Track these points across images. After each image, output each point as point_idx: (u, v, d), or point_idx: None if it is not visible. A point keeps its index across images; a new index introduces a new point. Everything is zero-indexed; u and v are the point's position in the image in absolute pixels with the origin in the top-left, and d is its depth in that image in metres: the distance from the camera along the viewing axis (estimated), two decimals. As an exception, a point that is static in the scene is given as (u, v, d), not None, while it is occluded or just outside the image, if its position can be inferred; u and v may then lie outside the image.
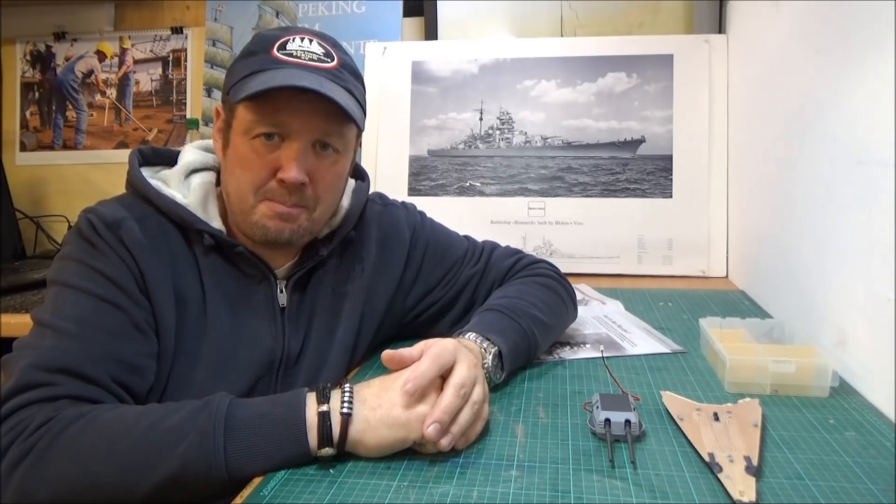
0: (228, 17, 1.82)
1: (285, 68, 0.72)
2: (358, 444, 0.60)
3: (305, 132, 0.73)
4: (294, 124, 0.73)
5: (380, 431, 0.59)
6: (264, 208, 0.75)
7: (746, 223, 1.33)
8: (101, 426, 0.59)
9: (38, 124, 1.95)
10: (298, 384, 0.78)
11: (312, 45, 0.75)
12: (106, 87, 1.93)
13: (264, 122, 0.72)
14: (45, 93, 1.95)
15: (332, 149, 0.76)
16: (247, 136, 0.73)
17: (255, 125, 0.73)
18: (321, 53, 0.75)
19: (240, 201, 0.76)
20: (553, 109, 1.57)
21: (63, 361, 0.63)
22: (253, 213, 0.76)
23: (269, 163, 0.73)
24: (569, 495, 0.54)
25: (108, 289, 0.69)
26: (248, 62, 0.74)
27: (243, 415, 0.59)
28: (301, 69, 0.73)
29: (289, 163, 0.73)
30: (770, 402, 0.72)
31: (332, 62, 0.75)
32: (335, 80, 0.74)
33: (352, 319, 0.85)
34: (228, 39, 1.82)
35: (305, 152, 0.74)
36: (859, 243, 0.77)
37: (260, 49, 0.74)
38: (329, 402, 0.60)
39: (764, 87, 1.21)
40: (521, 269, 0.97)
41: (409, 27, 1.74)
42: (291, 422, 0.59)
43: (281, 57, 0.73)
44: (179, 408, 0.60)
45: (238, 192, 0.76)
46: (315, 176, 0.75)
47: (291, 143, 0.73)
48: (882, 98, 0.71)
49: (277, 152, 0.73)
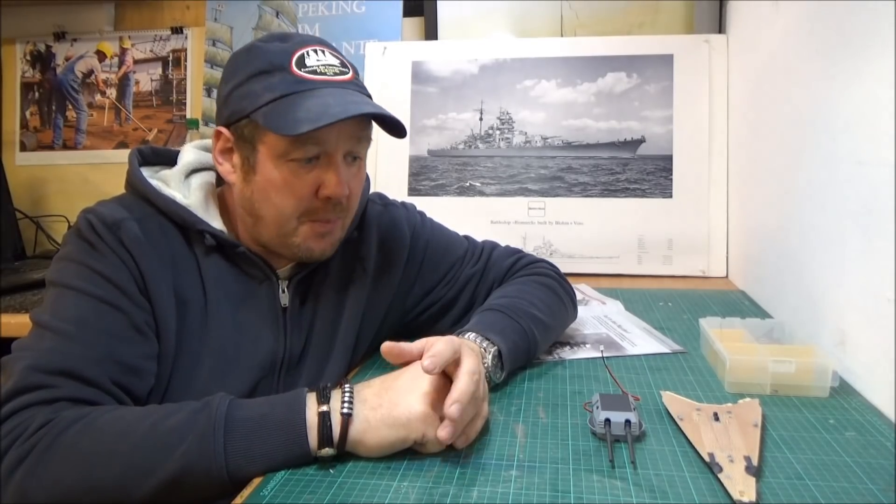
0: (228, 17, 1.82)
1: (320, 89, 0.71)
2: (358, 445, 0.60)
3: (341, 145, 0.74)
4: (331, 140, 0.72)
5: (380, 431, 0.59)
6: (306, 230, 0.76)
7: (746, 223, 1.33)
8: (101, 428, 0.59)
9: (38, 124, 1.95)
10: (300, 384, 0.78)
11: (328, 56, 0.74)
12: (106, 87, 1.92)
13: (305, 146, 0.71)
14: (45, 93, 1.94)
15: (360, 156, 0.78)
16: (282, 159, 0.72)
17: (294, 150, 0.71)
18: (339, 64, 0.75)
19: (279, 226, 0.76)
20: (553, 109, 1.57)
21: (62, 363, 0.63)
22: (294, 236, 0.76)
23: (310, 182, 0.73)
24: (569, 495, 0.54)
25: (107, 290, 0.68)
26: (269, 83, 0.71)
27: (243, 415, 0.59)
28: (334, 87, 0.72)
29: (334, 179, 0.73)
30: (770, 402, 0.72)
31: (349, 72, 0.75)
32: (360, 90, 0.75)
33: (353, 319, 0.85)
34: (228, 39, 1.82)
35: (342, 165, 0.74)
36: (859, 243, 0.77)
37: (275, 67, 0.72)
38: (329, 403, 0.60)
39: (764, 87, 1.21)
40: (520, 268, 0.97)
41: (409, 27, 1.74)
42: (291, 422, 0.59)
43: (306, 76, 0.72)
44: (179, 409, 0.60)
45: (277, 218, 0.75)
46: (350, 187, 0.76)
47: (330, 159, 0.73)
48: (882, 98, 0.71)
49: (316, 171, 0.73)
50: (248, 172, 0.75)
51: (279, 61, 0.72)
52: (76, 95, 1.93)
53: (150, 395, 0.70)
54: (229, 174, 0.77)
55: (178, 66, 1.89)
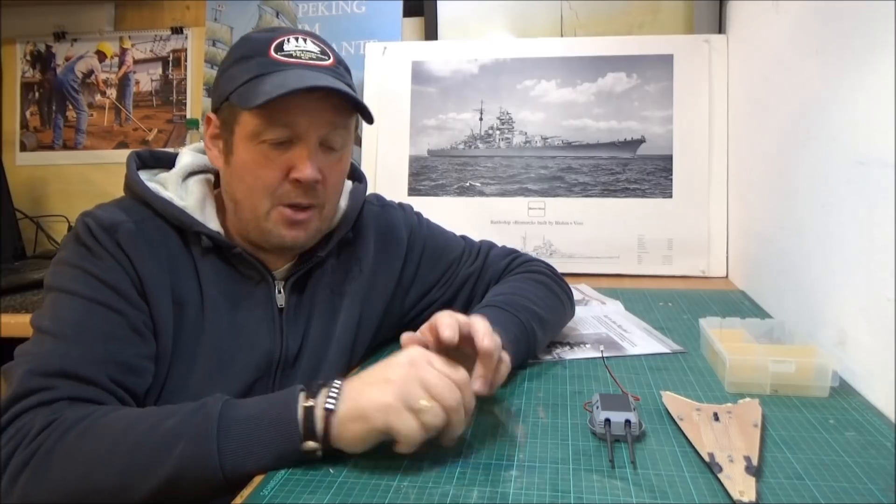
0: (228, 17, 1.82)
1: (290, 69, 0.72)
2: (338, 440, 0.58)
3: (314, 130, 0.74)
4: (303, 124, 0.73)
5: (349, 425, 0.57)
6: (277, 215, 0.75)
7: (746, 223, 1.33)
8: (101, 430, 0.59)
9: (38, 124, 1.95)
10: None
11: (308, 44, 0.75)
12: (106, 87, 1.92)
13: (275, 127, 0.72)
14: (45, 93, 1.94)
15: (337, 146, 0.77)
16: (254, 140, 0.73)
17: (265, 130, 0.72)
18: (318, 52, 0.75)
19: (252, 208, 0.76)
20: (553, 109, 1.57)
21: (60, 365, 0.63)
22: (267, 220, 0.76)
23: (281, 165, 0.73)
24: (569, 495, 0.54)
25: (105, 293, 0.68)
26: (247, 66, 0.73)
27: (238, 415, 0.58)
28: (305, 69, 0.73)
29: (303, 162, 0.73)
30: (770, 402, 0.72)
31: (329, 59, 0.76)
32: (337, 77, 0.75)
33: (350, 320, 0.85)
34: (228, 39, 1.82)
35: (315, 150, 0.74)
36: (859, 243, 0.77)
37: (255, 52, 0.74)
38: (317, 398, 0.59)
39: (764, 87, 1.21)
40: (516, 266, 0.97)
41: (409, 27, 1.74)
42: (284, 420, 0.58)
43: (281, 59, 0.73)
44: (176, 410, 0.60)
45: (250, 199, 0.75)
46: (324, 174, 0.76)
47: (302, 143, 0.73)
48: (882, 98, 0.71)
49: (288, 154, 0.73)
50: (227, 155, 0.76)
51: (259, 47, 0.74)
52: (76, 95, 1.93)
53: (147, 395, 0.70)
54: (216, 160, 0.78)
55: (178, 67, 1.89)
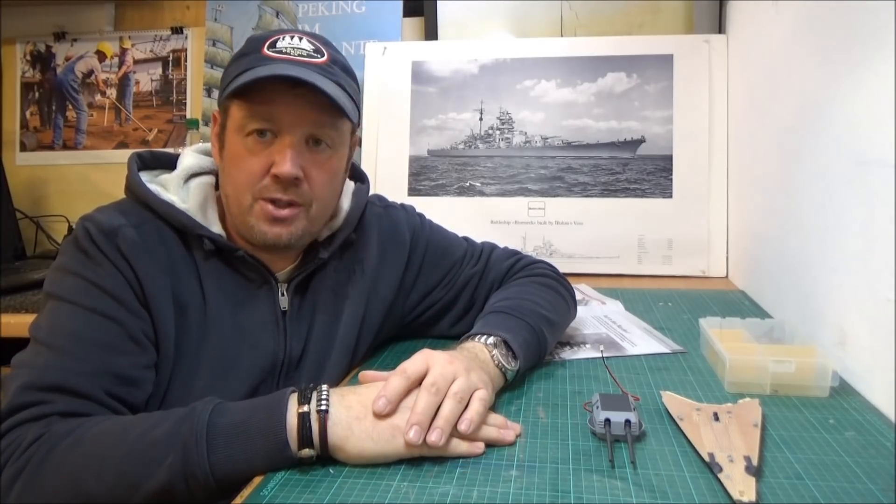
0: (228, 17, 1.82)
1: (275, 63, 0.72)
2: (338, 450, 0.59)
3: (298, 126, 0.73)
4: (286, 118, 0.73)
5: (363, 443, 0.59)
6: (258, 210, 0.74)
7: (746, 223, 1.33)
8: (90, 441, 0.59)
9: (38, 124, 1.95)
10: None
11: (302, 42, 0.75)
12: (106, 87, 1.92)
13: (256, 118, 0.72)
14: (45, 93, 1.94)
15: (326, 144, 0.76)
16: (240, 133, 0.73)
17: (248, 121, 0.73)
18: (311, 50, 0.75)
19: (237, 202, 0.76)
20: (553, 109, 1.57)
21: (55, 379, 0.63)
22: (250, 215, 0.75)
23: (263, 159, 0.73)
24: (569, 495, 0.54)
25: (103, 301, 0.68)
26: (240, 62, 0.74)
27: (225, 422, 0.58)
28: (290, 64, 0.73)
29: (282, 157, 0.72)
30: (770, 402, 0.72)
31: (322, 58, 0.75)
32: (325, 75, 0.74)
33: (353, 321, 0.85)
34: (228, 39, 1.82)
35: (299, 147, 0.74)
36: (859, 243, 0.77)
37: (251, 49, 0.75)
38: (309, 403, 0.59)
39: (764, 87, 1.21)
40: (519, 269, 0.97)
41: (409, 27, 1.74)
42: (271, 427, 0.58)
43: (271, 54, 0.73)
44: (165, 418, 0.59)
45: (235, 192, 0.75)
46: (310, 172, 0.75)
47: (284, 138, 0.73)
48: (882, 98, 0.71)
49: (271, 149, 0.73)
50: (222, 149, 0.77)
51: (255, 45, 0.75)
52: (76, 95, 1.93)
53: (150, 400, 0.70)
54: (216, 155, 0.79)
55: (178, 67, 1.89)
